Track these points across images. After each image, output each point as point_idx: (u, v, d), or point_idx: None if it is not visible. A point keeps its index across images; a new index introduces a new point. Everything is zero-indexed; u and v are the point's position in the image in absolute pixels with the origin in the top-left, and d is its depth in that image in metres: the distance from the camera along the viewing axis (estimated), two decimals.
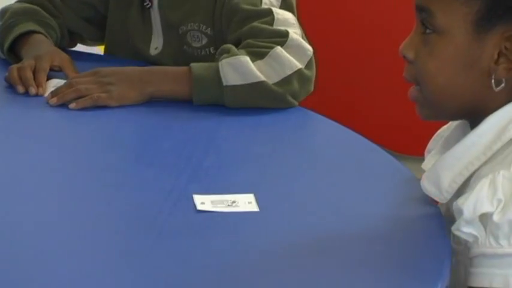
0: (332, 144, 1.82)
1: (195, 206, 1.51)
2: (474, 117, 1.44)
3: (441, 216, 1.50)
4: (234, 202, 1.52)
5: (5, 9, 2.08)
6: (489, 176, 1.37)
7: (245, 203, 1.52)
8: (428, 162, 1.53)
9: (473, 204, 1.36)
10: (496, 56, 1.41)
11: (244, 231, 1.49)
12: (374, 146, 1.75)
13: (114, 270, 1.35)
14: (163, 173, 1.68)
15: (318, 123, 1.88)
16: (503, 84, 1.41)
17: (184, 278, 1.33)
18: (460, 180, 1.44)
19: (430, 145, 1.56)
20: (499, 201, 1.35)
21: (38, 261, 1.36)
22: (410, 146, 2.12)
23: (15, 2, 2.10)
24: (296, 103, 1.88)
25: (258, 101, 1.86)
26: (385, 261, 1.41)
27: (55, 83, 1.93)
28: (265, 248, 1.43)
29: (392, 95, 2.15)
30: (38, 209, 1.52)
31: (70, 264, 1.36)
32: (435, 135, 1.57)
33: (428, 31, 1.45)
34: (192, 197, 1.53)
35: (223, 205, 1.52)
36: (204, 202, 1.52)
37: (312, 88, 1.90)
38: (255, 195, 1.54)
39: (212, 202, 1.52)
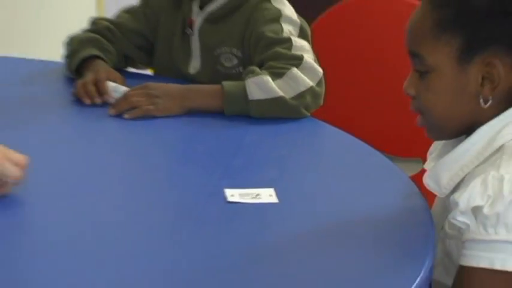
0: (338, 148, 1.82)
1: (226, 197, 1.52)
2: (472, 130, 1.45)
3: (428, 209, 1.49)
4: (258, 195, 1.53)
5: (73, 37, 2.09)
6: (481, 176, 1.38)
7: (267, 195, 1.53)
8: (429, 163, 1.53)
9: (467, 198, 1.37)
10: (480, 80, 1.42)
11: (266, 218, 1.50)
12: (372, 149, 1.75)
13: (160, 250, 1.36)
14: (200, 171, 1.69)
15: (326, 131, 1.88)
16: (490, 101, 1.42)
17: (218, 259, 1.34)
18: (457, 179, 1.44)
19: (431, 148, 1.56)
20: (489, 197, 1.35)
21: (98, 237, 1.39)
22: (403, 150, 2.12)
23: (82, 31, 2.11)
24: (308, 114, 1.89)
25: (277, 112, 1.87)
26: (383, 244, 1.42)
27: (113, 86, 1.94)
28: (284, 232, 1.44)
29: (388, 106, 2.15)
30: (102, 201, 1.53)
31: (127, 242, 1.38)
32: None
33: (422, 71, 1.46)
34: (224, 191, 1.53)
35: (249, 197, 1.52)
36: (233, 195, 1.52)
37: (321, 102, 1.90)
38: (275, 190, 1.54)
39: (240, 195, 1.53)
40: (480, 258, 1.36)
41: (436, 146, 1.55)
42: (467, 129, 1.46)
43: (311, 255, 1.38)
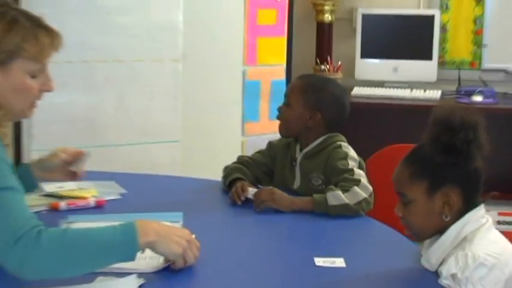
0: (380, 235, 1.78)
1: (315, 263, 1.52)
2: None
3: (434, 275, 1.45)
4: (334, 262, 1.54)
5: (227, 166, 2.11)
6: (454, 255, 1.39)
7: (339, 262, 1.53)
8: (423, 252, 1.51)
9: (447, 269, 1.38)
10: (442, 205, 1.44)
11: (339, 276, 1.49)
12: (401, 236, 1.70)
13: None
14: (298, 246, 1.67)
15: (374, 225, 1.84)
16: (449, 217, 1.44)
17: None
18: (440, 259, 1.44)
19: (425, 242, 1.53)
20: (460, 267, 1.36)
21: None
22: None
23: (232, 163, 2.14)
24: (364, 214, 1.88)
25: (345, 212, 1.86)
26: None
27: (251, 190, 1.96)
28: (349, 284, 1.47)
29: None
30: (237, 265, 1.53)
31: None
32: None
33: (405, 202, 1.48)
34: (314, 259, 1.54)
35: (329, 263, 1.53)
36: (319, 261, 1.53)
37: (371, 207, 1.90)
38: (344, 258, 1.54)
39: (323, 261, 1.53)
40: None
41: (426, 242, 1.53)
42: (438, 232, 1.46)
43: None
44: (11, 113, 1.41)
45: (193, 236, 1.46)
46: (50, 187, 1.91)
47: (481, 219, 1.45)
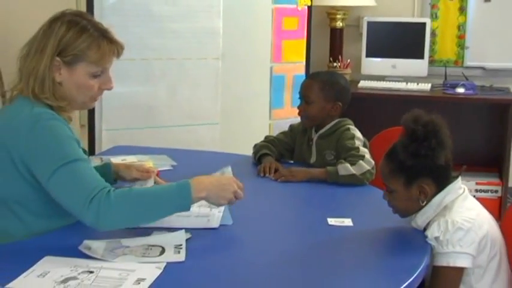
0: (382, 201, 1.66)
1: (327, 222, 1.50)
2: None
3: (421, 233, 1.43)
4: (343, 221, 1.51)
5: (256, 144, 2.09)
6: (436, 221, 1.39)
7: (348, 221, 1.52)
8: (412, 216, 1.49)
9: (431, 233, 1.38)
10: (418, 193, 1.43)
11: (347, 232, 1.47)
12: None
13: (288, 249, 1.34)
14: (313, 209, 1.64)
15: (375, 191, 1.80)
16: (425, 201, 1.43)
17: (324, 251, 1.34)
18: (425, 223, 1.44)
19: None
20: (441, 231, 1.36)
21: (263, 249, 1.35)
22: None
23: (261, 141, 2.10)
24: (367, 183, 1.86)
25: (352, 181, 1.84)
26: (400, 250, 1.39)
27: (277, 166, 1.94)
28: (355, 238, 1.44)
29: None
30: (260, 224, 1.51)
31: (271, 244, 1.37)
32: None
33: (389, 190, 1.48)
34: (327, 219, 1.52)
35: (339, 222, 1.51)
36: (331, 221, 1.51)
37: (373, 177, 1.87)
38: (352, 219, 1.52)
39: (335, 221, 1.51)
40: (442, 261, 1.36)
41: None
42: (418, 211, 1.45)
43: (365, 250, 1.40)
44: (74, 104, 1.40)
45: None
46: (115, 159, 1.90)
47: (458, 190, 1.44)
